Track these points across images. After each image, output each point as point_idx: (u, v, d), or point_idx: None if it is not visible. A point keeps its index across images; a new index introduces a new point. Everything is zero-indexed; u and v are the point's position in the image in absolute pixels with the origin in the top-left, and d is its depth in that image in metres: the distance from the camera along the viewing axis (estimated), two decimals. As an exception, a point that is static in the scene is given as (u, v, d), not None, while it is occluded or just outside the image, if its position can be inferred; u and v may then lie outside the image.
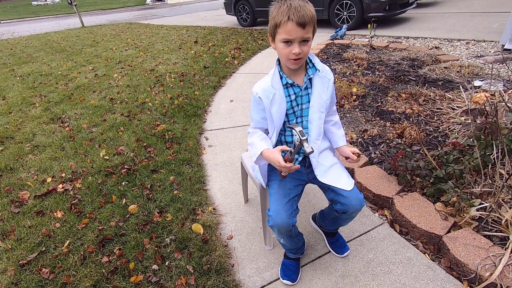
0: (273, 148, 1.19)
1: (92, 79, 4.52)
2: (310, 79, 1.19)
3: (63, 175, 2.27)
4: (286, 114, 1.20)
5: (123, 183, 2.12)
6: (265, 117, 1.21)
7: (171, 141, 2.63)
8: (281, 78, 1.16)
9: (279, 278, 1.41)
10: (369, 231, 1.64)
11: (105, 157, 2.45)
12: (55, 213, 1.89)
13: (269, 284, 1.41)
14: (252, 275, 1.45)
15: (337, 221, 1.37)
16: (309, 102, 1.21)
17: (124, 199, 1.97)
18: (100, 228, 1.75)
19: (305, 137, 1.01)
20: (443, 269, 1.40)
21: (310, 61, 1.19)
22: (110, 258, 1.56)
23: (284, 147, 1.13)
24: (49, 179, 2.23)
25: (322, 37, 5.80)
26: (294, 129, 1.04)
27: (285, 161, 1.08)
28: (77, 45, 7.36)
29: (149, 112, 3.22)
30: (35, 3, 27.00)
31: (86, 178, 2.22)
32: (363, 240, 1.60)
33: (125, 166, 2.30)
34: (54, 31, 10.43)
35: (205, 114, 3.19)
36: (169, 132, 2.75)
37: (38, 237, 1.73)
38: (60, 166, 2.39)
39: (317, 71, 1.17)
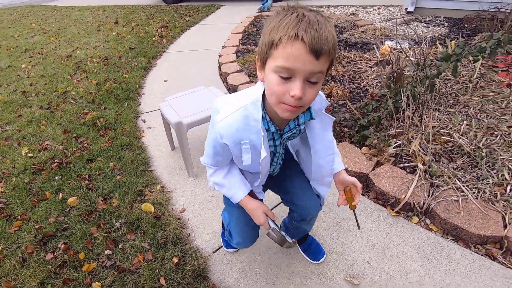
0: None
1: (-6, 72, 3.87)
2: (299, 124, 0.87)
3: (-21, 181, 1.98)
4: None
5: (56, 178, 1.95)
6: (230, 156, 0.93)
7: (104, 128, 2.46)
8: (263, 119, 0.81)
9: (234, 237, 1.50)
10: (310, 181, 1.82)
11: (29, 155, 2.20)
12: (-23, 222, 1.67)
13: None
14: (209, 240, 1.52)
15: (299, 229, 1.24)
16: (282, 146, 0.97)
17: (61, 193, 1.83)
18: (37, 227, 1.61)
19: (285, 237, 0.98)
20: (371, 201, 1.64)
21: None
22: (55, 253, 1.47)
23: (268, 211, 1.00)
24: (-40, 188, 1.94)
25: (249, 10, 5.81)
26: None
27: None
28: (-35, 34, 6.12)
29: (73, 101, 2.93)
30: None
31: (9, 179, 1.98)
32: (306, 190, 1.77)
33: (55, 160, 2.10)
34: None
35: (139, 97, 3.02)
36: (101, 119, 2.56)
37: (-40, 250, 1.52)
38: (-27, 172, 2.08)
39: (311, 119, 0.85)
